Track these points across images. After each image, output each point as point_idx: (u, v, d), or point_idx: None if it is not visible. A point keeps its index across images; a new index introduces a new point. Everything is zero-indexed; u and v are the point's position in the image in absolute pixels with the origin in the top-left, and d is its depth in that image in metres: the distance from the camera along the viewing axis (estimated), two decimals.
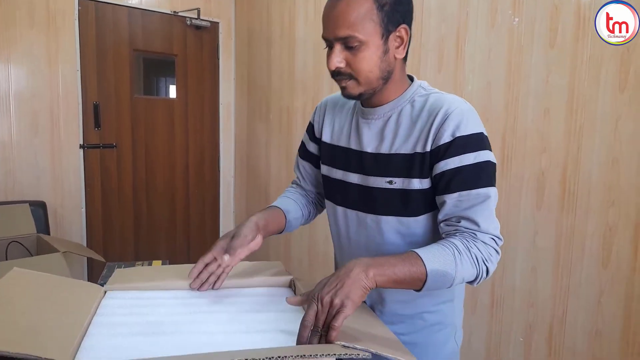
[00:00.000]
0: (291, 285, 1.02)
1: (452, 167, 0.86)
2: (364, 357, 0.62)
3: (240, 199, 3.67)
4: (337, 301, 0.71)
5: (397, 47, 0.91)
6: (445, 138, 0.86)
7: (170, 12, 3.26)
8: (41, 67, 2.79)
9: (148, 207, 3.34)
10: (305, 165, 1.17)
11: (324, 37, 0.90)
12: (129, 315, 0.81)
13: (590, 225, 1.55)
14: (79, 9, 2.89)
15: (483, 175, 0.86)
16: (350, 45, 0.86)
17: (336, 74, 0.90)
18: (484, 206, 0.86)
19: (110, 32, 3.06)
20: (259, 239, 0.96)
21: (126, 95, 3.16)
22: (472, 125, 0.87)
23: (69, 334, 0.71)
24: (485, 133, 0.90)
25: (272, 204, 1.11)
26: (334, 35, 0.86)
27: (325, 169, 1.07)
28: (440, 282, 0.82)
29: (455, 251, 0.82)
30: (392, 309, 1.01)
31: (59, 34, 2.82)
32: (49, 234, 2.56)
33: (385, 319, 0.99)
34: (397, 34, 0.89)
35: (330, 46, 0.90)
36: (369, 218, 0.98)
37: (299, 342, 0.70)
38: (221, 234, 3.66)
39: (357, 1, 0.84)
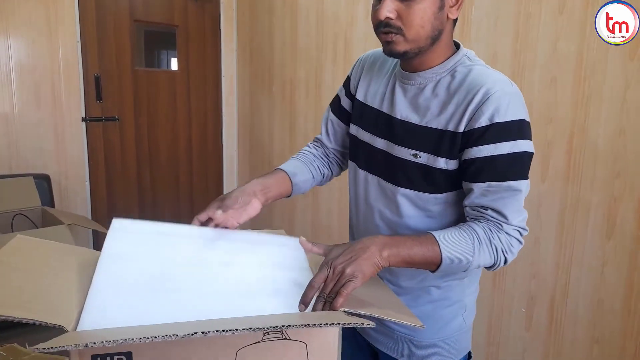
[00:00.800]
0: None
1: (485, 155, 0.81)
2: (367, 325, 0.62)
3: (243, 172, 3.67)
4: (348, 271, 0.70)
5: (452, 6, 0.85)
6: (482, 121, 0.80)
7: None
8: (41, 39, 2.75)
9: (152, 180, 3.35)
10: (334, 121, 1.12)
11: None
12: (136, 262, 0.79)
13: (595, 196, 1.53)
14: None
15: (517, 166, 0.82)
16: None
17: (383, 26, 0.83)
18: (514, 199, 0.82)
19: (110, 2, 3.00)
20: (255, 204, 0.93)
21: (127, 67, 3.13)
22: (513, 110, 0.81)
23: (72, 299, 0.71)
24: (528, 119, 0.84)
25: (278, 167, 1.07)
26: None
27: (354, 129, 1.03)
28: (454, 267, 0.81)
29: (476, 240, 0.80)
30: (398, 280, 0.99)
31: (58, 4, 2.77)
32: (53, 207, 2.57)
33: (391, 289, 0.97)
34: None
35: None
36: (388, 187, 0.95)
37: (302, 301, 0.69)
38: None
39: None
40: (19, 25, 2.67)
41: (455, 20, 0.91)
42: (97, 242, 3.07)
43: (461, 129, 0.83)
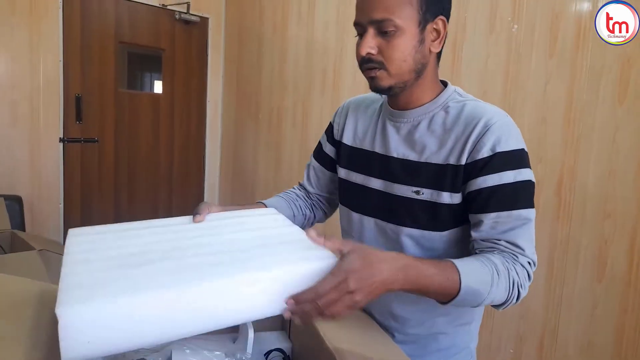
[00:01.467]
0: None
1: (491, 185, 0.80)
2: None
3: (224, 200, 3.59)
4: (358, 298, 0.64)
5: (433, 41, 0.85)
6: (484, 152, 0.80)
7: (158, 5, 3.18)
8: (22, 56, 2.68)
9: (129, 206, 3.25)
10: (316, 167, 1.12)
11: (356, 22, 0.84)
12: (104, 250, 0.68)
13: (585, 237, 1.53)
14: None
15: (523, 195, 0.81)
16: (384, 30, 0.81)
17: (366, 62, 0.84)
18: (525, 229, 0.80)
19: (96, 23, 2.96)
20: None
21: (110, 88, 3.06)
22: (514, 140, 0.81)
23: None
24: (526, 150, 0.84)
25: (259, 201, 1.05)
26: (369, 18, 0.81)
27: (343, 172, 1.02)
28: (469, 300, 0.76)
29: (495, 272, 0.76)
30: (405, 328, 0.95)
31: (42, 22, 2.72)
32: (24, 230, 2.45)
33: (398, 337, 0.94)
34: (434, 25, 0.84)
35: (361, 33, 0.84)
36: (389, 227, 0.92)
37: (296, 299, 0.64)
38: None
39: None
40: (1, 41, 2.60)
41: (439, 55, 0.91)
42: None
43: (463, 162, 0.82)
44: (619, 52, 1.44)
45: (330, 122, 1.10)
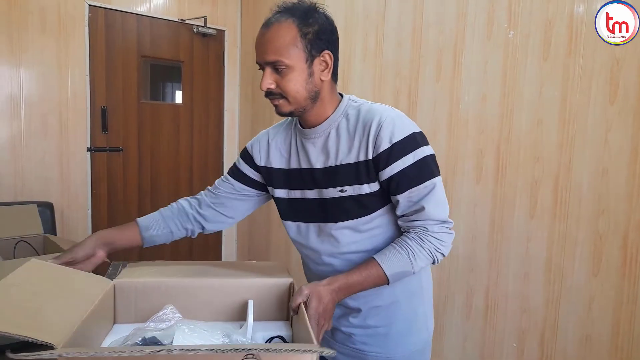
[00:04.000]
0: (290, 289, 1.05)
1: (397, 171, 0.97)
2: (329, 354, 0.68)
3: None
4: (327, 326, 0.93)
5: (322, 71, 1.00)
6: (384, 145, 0.97)
7: (177, 20, 3.34)
8: (51, 72, 2.86)
9: (152, 210, 3.39)
10: (234, 183, 1.21)
11: (256, 62, 1.00)
12: None
13: (581, 233, 1.59)
14: (89, 16, 2.97)
15: (425, 169, 0.98)
16: (278, 69, 0.96)
17: (268, 94, 1.00)
18: (431, 195, 0.98)
19: (119, 38, 3.14)
20: (100, 254, 1.10)
21: (133, 100, 3.23)
22: (404, 128, 0.98)
23: (69, 320, 0.75)
24: (418, 130, 1.01)
25: (137, 218, 1.21)
26: (264, 60, 0.97)
27: (282, 193, 1.14)
28: (401, 276, 0.99)
29: (410, 251, 0.98)
30: (367, 301, 1.09)
31: (70, 39, 2.90)
32: (55, 234, 2.62)
33: (363, 312, 1.09)
34: (322, 58, 0.99)
35: (262, 69, 0.99)
36: (327, 227, 1.07)
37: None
38: (223, 236, 3.71)
39: (283, 30, 0.95)
40: (32, 60, 2.79)
41: (335, 76, 1.05)
42: (96, 269, 3.09)
43: (370, 156, 0.99)
44: (609, 54, 1.49)
45: (245, 149, 1.21)
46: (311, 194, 1.09)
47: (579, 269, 1.59)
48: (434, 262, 1.02)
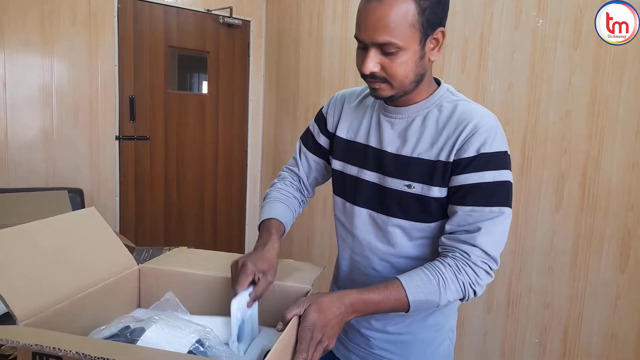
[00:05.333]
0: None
1: (472, 182, 0.86)
2: None
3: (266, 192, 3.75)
4: (326, 343, 0.77)
5: (432, 49, 0.88)
6: (470, 152, 0.86)
7: (203, 10, 3.37)
8: (82, 62, 2.94)
9: (178, 197, 3.47)
10: (309, 157, 1.13)
11: (359, 39, 0.86)
12: None
13: (608, 228, 1.54)
14: (118, 7, 3.02)
15: (500, 193, 0.86)
16: (387, 51, 0.84)
17: (369, 77, 0.88)
18: (493, 222, 0.85)
19: (147, 29, 3.19)
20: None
21: (160, 89, 3.29)
22: (498, 143, 0.86)
23: (65, 292, 0.79)
24: (509, 152, 0.89)
25: (273, 216, 1.05)
26: (372, 40, 0.83)
27: (338, 165, 1.05)
28: (424, 308, 0.85)
29: (441, 280, 0.84)
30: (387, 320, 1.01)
31: (99, 30, 2.96)
32: None
33: (386, 318, 1.01)
34: (434, 36, 0.87)
35: (363, 47, 0.87)
36: (380, 218, 0.97)
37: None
38: (247, 225, 3.75)
39: (399, 5, 0.81)
40: (63, 50, 2.86)
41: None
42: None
43: (451, 159, 0.88)
44: None
45: (321, 112, 1.12)
46: (370, 176, 0.98)
47: (606, 264, 1.55)
48: (462, 299, 0.88)
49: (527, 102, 1.76)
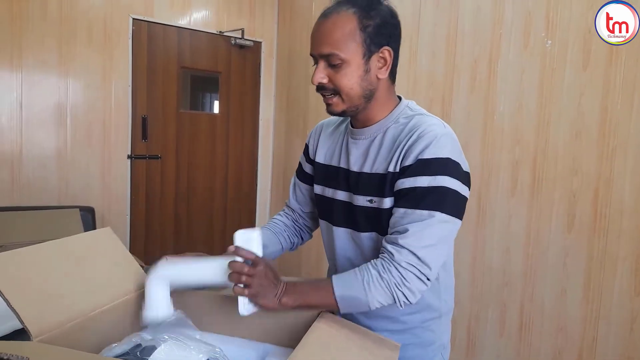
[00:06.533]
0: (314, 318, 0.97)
1: (407, 187, 0.88)
2: None
3: (275, 212, 3.76)
4: (253, 291, 0.85)
5: (380, 68, 0.93)
6: (410, 159, 0.88)
7: (216, 32, 3.43)
8: (96, 82, 3.00)
9: (188, 216, 3.48)
10: (301, 187, 1.19)
11: (311, 54, 0.94)
12: None
13: (622, 250, 1.52)
14: (132, 29, 3.10)
15: (432, 198, 0.86)
16: (332, 63, 0.90)
17: (320, 89, 0.94)
18: (422, 225, 0.85)
19: (161, 50, 3.26)
20: None
21: (172, 109, 3.34)
22: (438, 149, 0.87)
23: (78, 309, 0.79)
24: (455, 159, 0.88)
25: None
26: (318, 52, 0.91)
27: (319, 189, 1.10)
28: (354, 305, 0.87)
29: (366, 277, 0.86)
30: (381, 325, 1.02)
31: (114, 51, 3.03)
32: None
33: (393, 327, 1.01)
34: (380, 54, 0.92)
35: (316, 62, 0.94)
36: (355, 235, 1.01)
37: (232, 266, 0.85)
38: None
39: (341, 21, 0.89)
40: (78, 71, 2.93)
41: (393, 76, 0.98)
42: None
43: (398, 168, 0.91)
44: None
45: (306, 143, 1.19)
46: (342, 195, 1.03)
47: (620, 286, 1.52)
48: (396, 302, 0.87)
49: (536, 122, 1.76)
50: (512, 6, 1.83)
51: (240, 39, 3.48)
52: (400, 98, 1.02)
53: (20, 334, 0.99)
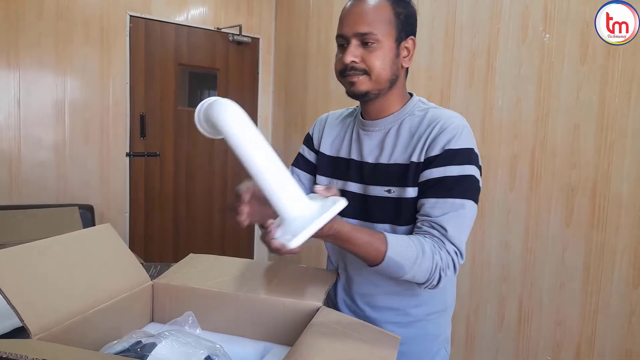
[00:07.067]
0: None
1: (436, 177, 0.90)
2: None
3: None
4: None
5: (405, 57, 0.98)
6: (436, 150, 0.91)
7: (213, 29, 3.43)
8: (94, 80, 2.99)
9: (187, 213, 3.49)
10: (302, 176, 1.17)
11: (340, 34, 0.95)
12: None
13: (620, 243, 1.52)
14: (130, 26, 3.09)
15: (463, 186, 0.90)
16: (367, 41, 0.92)
17: (349, 69, 0.94)
18: (456, 215, 0.88)
19: (158, 47, 3.25)
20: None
21: (170, 106, 3.33)
22: (463, 140, 0.92)
23: (77, 307, 0.80)
24: (477, 150, 0.94)
25: None
26: (354, 31, 0.92)
27: (324, 180, 1.10)
28: (392, 270, 0.86)
29: (421, 251, 0.85)
30: (388, 317, 1.03)
31: (111, 49, 3.03)
32: None
33: (383, 327, 0.99)
34: (406, 44, 0.97)
35: (342, 44, 0.95)
36: (366, 226, 1.00)
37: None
38: (256, 242, 3.76)
39: (379, 4, 0.93)
40: (76, 69, 2.92)
41: (407, 71, 1.03)
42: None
43: (422, 159, 0.93)
44: None
45: (308, 134, 1.19)
46: (354, 187, 1.03)
47: (619, 280, 1.53)
48: (424, 283, 0.88)
49: (535, 116, 1.76)
50: (509, 0, 1.83)
51: (238, 35, 3.47)
52: (411, 94, 1.05)
53: (20, 332, 0.99)
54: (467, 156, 0.91)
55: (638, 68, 1.46)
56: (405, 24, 0.95)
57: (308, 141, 1.18)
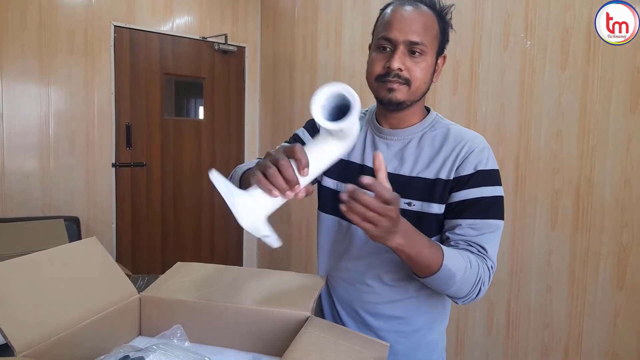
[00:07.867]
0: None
1: (473, 197, 0.91)
2: None
3: None
4: (377, 231, 0.72)
5: (435, 73, 0.97)
6: (468, 170, 0.92)
7: (199, 38, 3.42)
8: (79, 91, 2.97)
9: (175, 223, 3.46)
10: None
11: (388, 38, 0.91)
12: None
13: (604, 246, 1.55)
14: (114, 36, 3.08)
15: (497, 207, 0.92)
16: (415, 51, 0.90)
17: (392, 75, 0.91)
18: (493, 236, 0.91)
19: (143, 57, 3.24)
20: None
21: (156, 116, 3.32)
22: (492, 162, 0.94)
23: (63, 322, 0.79)
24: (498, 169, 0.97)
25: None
26: (406, 38, 0.90)
27: (331, 183, 1.06)
28: (443, 281, 0.84)
29: (469, 263, 0.85)
30: (392, 327, 1.02)
31: (96, 59, 3.01)
32: None
33: (385, 336, 1.01)
34: (439, 60, 0.97)
35: (385, 47, 0.93)
36: None
37: (353, 195, 0.70)
38: (244, 251, 3.74)
39: (429, 16, 0.93)
40: (60, 79, 2.90)
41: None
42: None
43: (451, 177, 0.93)
44: (629, 62, 1.47)
45: (313, 120, 1.05)
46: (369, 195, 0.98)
47: (603, 282, 1.55)
48: (463, 297, 0.89)
49: (518, 122, 1.78)
50: (491, 8, 1.86)
51: (223, 44, 3.47)
52: (428, 109, 1.04)
53: (5, 349, 0.97)
54: (497, 177, 0.94)
55: (617, 73, 1.50)
56: (443, 41, 0.96)
57: (313, 129, 1.10)
